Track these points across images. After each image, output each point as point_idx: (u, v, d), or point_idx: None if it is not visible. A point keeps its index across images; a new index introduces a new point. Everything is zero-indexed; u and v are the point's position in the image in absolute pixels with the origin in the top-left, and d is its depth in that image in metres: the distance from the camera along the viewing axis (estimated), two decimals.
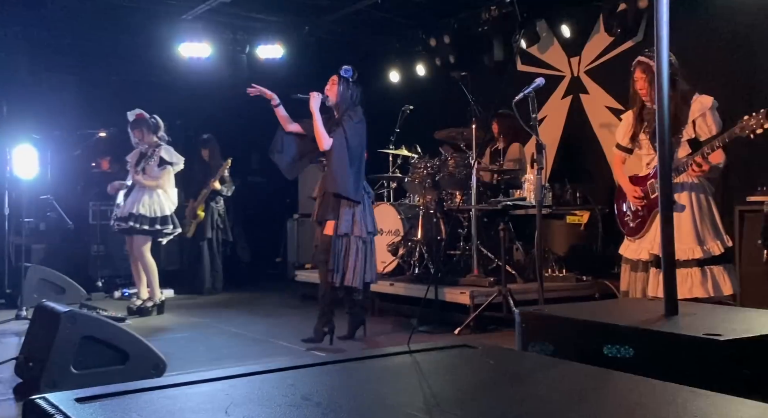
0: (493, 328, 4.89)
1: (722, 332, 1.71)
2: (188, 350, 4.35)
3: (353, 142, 4.36)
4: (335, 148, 4.33)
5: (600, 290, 5.16)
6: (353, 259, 4.32)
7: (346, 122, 4.37)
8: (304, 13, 7.36)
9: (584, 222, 5.46)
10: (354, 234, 4.32)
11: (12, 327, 5.02)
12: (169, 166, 5.60)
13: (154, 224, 5.49)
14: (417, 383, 1.43)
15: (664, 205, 2.10)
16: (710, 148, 3.30)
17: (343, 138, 4.34)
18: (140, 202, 5.47)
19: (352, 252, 4.32)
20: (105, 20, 7.02)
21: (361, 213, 4.37)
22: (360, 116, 4.44)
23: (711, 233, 3.43)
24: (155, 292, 5.61)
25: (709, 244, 3.38)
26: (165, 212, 5.55)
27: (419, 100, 6.89)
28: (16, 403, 3.14)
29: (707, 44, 5.33)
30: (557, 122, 6.65)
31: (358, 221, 4.34)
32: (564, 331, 2.00)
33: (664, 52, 2.08)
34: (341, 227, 4.29)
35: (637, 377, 1.46)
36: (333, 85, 4.46)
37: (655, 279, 3.42)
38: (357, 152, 4.39)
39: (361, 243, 4.37)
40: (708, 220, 3.46)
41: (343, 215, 4.30)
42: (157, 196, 5.54)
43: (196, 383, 1.42)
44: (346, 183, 4.29)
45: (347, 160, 4.31)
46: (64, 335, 3.18)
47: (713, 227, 3.46)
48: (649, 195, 3.57)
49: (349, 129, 4.36)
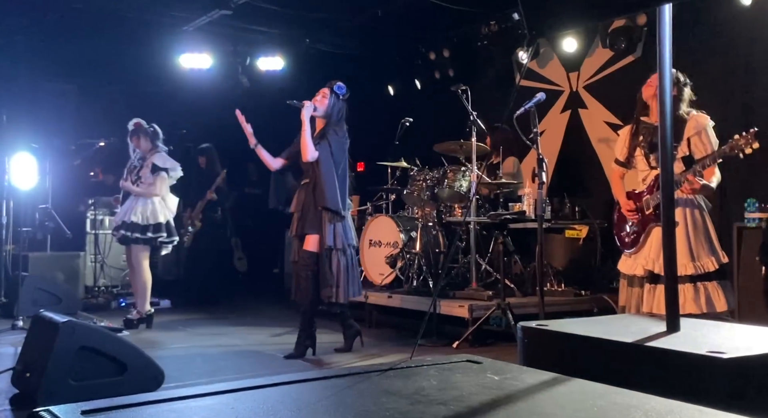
0: (491, 342, 4.89)
1: (725, 349, 1.71)
2: (186, 361, 4.32)
3: (338, 157, 4.36)
4: (322, 161, 4.32)
5: (599, 305, 5.16)
6: (337, 274, 4.32)
7: (331, 136, 4.37)
8: (304, 26, 7.40)
9: (583, 236, 5.47)
10: (337, 247, 4.32)
11: (8, 337, 4.99)
12: (163, 173, 5.51)
13: (146, 232, 5.38)
14: (421, 398, 1.42)
15: (666, 222, 2.11)
16: (701, 167, 3.34)
17: (328, 151, 4.34)
18: (133, 210, 5.42)
19: (334, 266, 4.32)
20: (106, 30, 7.05)
21: (342, 227, 4.37)
22: (344, 133, 4.47)
23: (705, 249, 3.43)
24: (144, 305, 5.52)
25: (703, 260, 3.38)
26: (158, 220, 5.43)
27: (418, 113, 6.92)
28: (13, 414, 3.12)
29: (704, 61, 5.38)
30: (556, 137, 6.69)
31: (340, 235, 4.34)
32: (567, 347, 2.00)
33: (667, 68, 2.10)
34: (327, 241, 4.27)
35: (640, 394, 1.46)
36: (324, 98, 4.46)
37: (649, 295, 3.42)
38: (341, 167, 4.39)
39: (342, 257, 4.35)
40: (703, 236, 3.45)
41: (326, 228, 4.28)
42: (151, 203, 5.46)
43: (200, 396, 1.42)
44: (335, 196, 4.29)
45: (334, 173, 4.32)
46: (62, 346, 3.16)
47: (708, 243, 3.46)
48: (644, 211, 3.58)
49: (334, 142, 4.36)
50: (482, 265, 5.50)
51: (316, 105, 4.41)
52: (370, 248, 6.14)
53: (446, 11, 6.43)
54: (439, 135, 6.04)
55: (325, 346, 4.63)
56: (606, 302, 5.07)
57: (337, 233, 4.32)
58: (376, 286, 5.92)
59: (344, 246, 4.35)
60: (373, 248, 6.11)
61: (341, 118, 4.48)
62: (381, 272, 5.89)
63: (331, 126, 4.42)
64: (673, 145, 3.41)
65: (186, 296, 7.20)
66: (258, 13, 6.78)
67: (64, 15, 6.66)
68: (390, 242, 5.93)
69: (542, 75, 6.83)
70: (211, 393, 1.44)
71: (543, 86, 6.58)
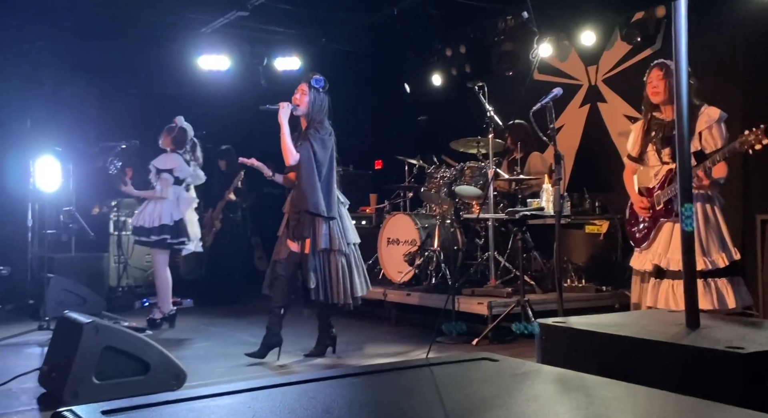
0: (511, 339, 4.87)
1: (744, 345, 1.69)
2: (208, 360, 4.38)
3: (321, 156, 4.21)
4: (303, 163, 4.19)
5: (620, 301, 5.11)
6: (338, 275, 4.18)
7: (312, 136, 4.23)
8: (321, 25, 7.43)
9: (603, 232, 5.42)
10: (333, 249, 4.18)
11: (35, 338, 5.10)
12: (165, 174, 5.52)
13: (150, 235, 5.44)
14: (437, 397, 1.43)
15: (684, 218, 2.09)
16: (711, 163, 3.27)
17: (309, 152, 4.19)
18: (142, 213, 5.52)
19: (333, 268, 4.18)
20: (125, 34, 7.15)
21: (338, 226, 4.24)
22: (327, 129, 4.31)
23: (716, 245, 3.34)
24: (165, 305, 5.60)
25: (713, 256, 3.30)
26: (163, 222, 5.43)
27: (435, 110, 6.92)
28: (40, 413, 3.18)
29: (723, 55, 5.31)
30: (575, 131, 6.63)
31: (336, 236, 4.20)
32: (585, 344, 1.99)
33: (683, 62, 2.08)
34: (320, 243, 4.14)
35: (658, 391, 1.45)
36: (303, 95, 4.30)
37: (653, 290, 3.37)
38: (326, 166, 4.25)
39: (342, 258, 4.23)
40: (714, 232, 3.38)
41: (320, 231, 4.15)
42: (159, 205, 5.49)
43: (219, 395, 1.44)
44: (317, 199, 4.15)
45: (315, 176, 4.17)
46: (87, 346, 3.22)
47: (719, 239, 3.37)
48: (655, 206, 3.53)
49: (316, 142, 4.21)
50: (501, 262, 5.48)
51: (297, 104, 4.26)
52: (389, 246, 6.15)
53: (462, 7, 6.41)
54: (457, 132, 6.03)
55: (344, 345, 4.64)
56: (627, 298, 4.99)
57: (333, 234, 4.19)
58: (394, 284, 5.93)
59: (341, 246, 4.21)
60: (392, 246, 6.12)
61: (324, 114, 4.31)
62: (399, 270, 5.90)
63: (312, 124, 4.27)
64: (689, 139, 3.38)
65: (208, 296, 7.28)
66: (274, 13, 6.82)
67: (84, 20, 6.77)
68: (408, 239, 5.94)
69: (561, 69, 6.77)
70: (229, 392, 1.46)
71: (561, 81, 6.53)
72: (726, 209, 3.49)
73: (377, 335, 5.32)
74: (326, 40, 7.69)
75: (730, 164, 5.11)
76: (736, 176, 5.17)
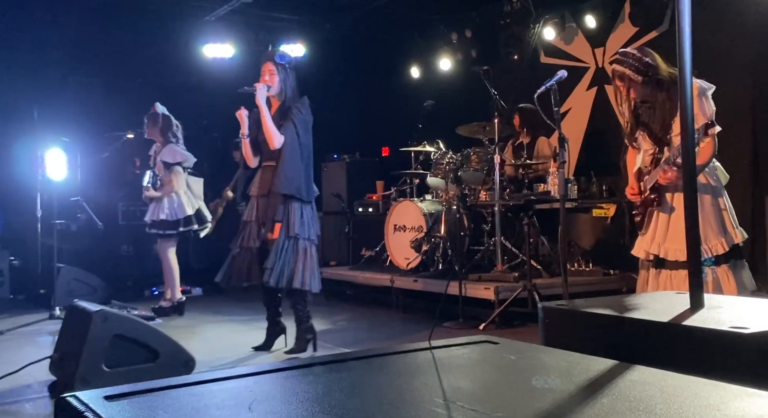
0: (518, 323, 4.88)
1: (748, 324, 1.68)
2: (217, 347, 4.41)
3: (304, 139, 3.99)
4: (287, 145, 3.95)
5: (627, 284, 5.09)
6: (307, 261, 3.94)
7: (296, 116, 3.98)
8: (325, 12, 7.40)
9: (611, 215, 5.40)
10: (303, 235, 3.96)
11: (46, 326, 5.16)
12: (176, 167, 5.59)
13: (177, 227, 5.56)
14: (437, 380, 1.43)
15: (688, 199, 2.07)
16: (673, 159, 3.06)
17: (294, 133, 3.96)
18: (160, 208, 5.57)
19: (301, 253, 3.94)
20: (130, 23, 7.15)
21: (311, 213, 4.04)
22: (307, 108, 4.06)
23: (714, 230, 3.15)
24: (174, 293, 5.66)
25: (712, 242, 3.12)
26: (186, 213, 5.58)
27: (441, 95, 6.88)
28: (51, 401, 3.23)
29: (725, 29, 5.24)
30: (582, 114, 6.58)
31: (307, 222, 3.98)
32: (588, 326, 1.99)
33: (687, 42, 2.05)
34: (294, 228, 3.92)
35: (659, 371, 1.45)
36: (272, 75, 4.05)
37: (654, 280, 3.23)
38: (308, 148, 4.04)
39: (312, 247, 4.01)
40: (711, 217, 3.15)
41: (295, 215, 3.93)
42: (177, 197, 5.59)
43: (220, 380, 1.45)
44: (299, 183, 3.94)
45: (299, 159, 3.96)
46: (96, 334, 3.25)
47: (718, 224, 3.17)
48: (643, 192, 3.37)
49: (300, 123, 3.98)
50: (508, 247, 5.48)
51: (268, 84, 4.04)
52: (395, 233, 6.16)
53: None
54: (463, 117, 6.01)
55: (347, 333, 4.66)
56: (634, 281, 4.98)
57: (306, 221, 3.98)
58: (401, 270, 5.94)
59: (311, 235, 3.99)
60: (398, 233, 6.12)
61: (297, 92, 4.08)
62: (406, 257, 5.91)
63: (292, 103, 4.04)
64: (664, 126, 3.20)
65: (217, 284, 7.30)
66: (278, 0, 6.79)
67: (89, 9, 6.77)
68: (415, 226, 5.94)
69: (567, 52, 6.71)
70: (230, 377, 1.47)
71: (568, 63, 6.48)
72: (722, 193, 3.24)
73: (384, 321, 5.35)
74: (330, 27, 7.66)
75: (739, 146, 5.11)
76: (744, 157, 5.14)
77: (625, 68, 3.26)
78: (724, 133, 3.18)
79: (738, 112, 5.15)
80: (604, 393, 1.27)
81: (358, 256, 6.94)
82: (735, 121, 5.16)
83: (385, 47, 8.18)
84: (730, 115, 5.18)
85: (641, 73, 3.22)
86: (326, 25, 7.64)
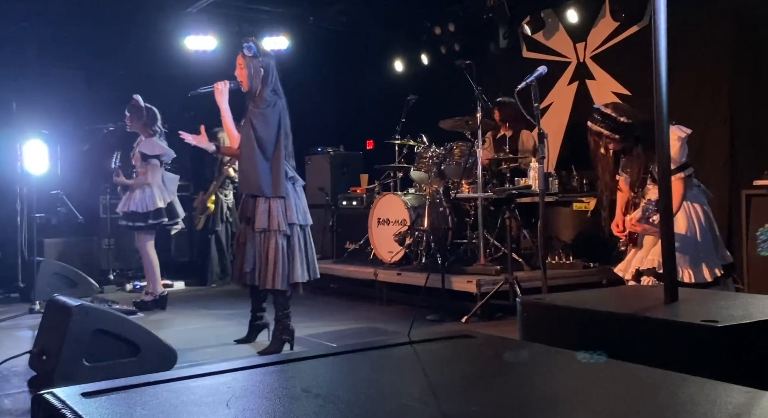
0: (500, 316, 4.93)
1: (720, 318, 1.72)
2: (198, 341, 4.41)
3: (263, 133, 3.86)
4: (242, 144, 3.92)
5: (607, 277, 5.15)
6: (275, 258, 3.84)
7: (251, 112, 3.90)
8: (308, 4, 7.36)
9: (591, 209, 5.45)
10: (272, 228, 3.84)
11: (26, 321, 5.11)
12: (154, 160, 5.54)
13: (147, 219, 5.49)
14: (415, 374, 1.45)
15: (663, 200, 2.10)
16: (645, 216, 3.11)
17: (249, 130, 3.87)
18: (131, 199, 5.54)
19: (272, 249, 3.83)
20: (111, 15, 7.06)
21: (280, 205, 3.88)
22: (267, 100, 3.89)
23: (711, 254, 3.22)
24: (155, 287, 5.63)
25: (711, 266, 3.17)
26: (157, 205, 5.51)
27: (424, 89, 6.88)
28: (31, 396, 3.21)
29: (710, 21, 5.31)
30: (563, 109, 6.63)
31: (276, 215, 3.85)
32: (565, 320, 2.02)
33: (662, 41, 2.08)
34: (258, 222, 3.84)
35: (634, 365, 1.48)
36: (242, 68, 3.93)
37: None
38: (272, 142, 3.89)
39: (282, 239, 3.87)
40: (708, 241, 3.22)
41: (259, 209, 3.86)
42: (149, 190, 5.54)
43: (199, 376, 1.46)
44: (259, 181, 3.85)
45: (257, 157, 3.85)
46: (76, 329, 3.24)
47: (714, 247, 3.25)
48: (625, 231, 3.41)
49: (255, 118, 3.87)
50: (491, 240, 5.51)
51: (240, 80, 3.95)
52: (379, 226, 6.17)
53: None
54: (446, 111, 6.02)
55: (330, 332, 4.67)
56: (614, 274, 5.07)
57: (273, 213, 3.84)
58: (385, 263, 5.96)
59: (280, 226, 3.85)
60: (382, 226, 6.14)
61: (262, 83, 3.90)
62: (390, 250, 5.93)
63: (250, 99, 3.93)
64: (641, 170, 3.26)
65: (198, 278, 7.30)
66: None
67: (69, 0, 6.68)
68: (398, 219, 5.95)
69: (549, 46, 6.75)
70: (209, 373, 1.48)
71: (549, 58, 6.51)
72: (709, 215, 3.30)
73: (368, 315, 5.36)
74: (314, 19, 7.62)
75: (717, 139, 5.18)
76: (723, 151, 5.21)
77: (602, 128, 3.33)
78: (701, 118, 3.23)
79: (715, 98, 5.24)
80: (580, 388, 1.30)
81: (342, 249, 6.95)
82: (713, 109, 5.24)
83: (369, 40, 8.16)
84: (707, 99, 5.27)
85: (618, 132, 3.30)
86: (310, 17, 7.60)
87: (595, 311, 1.92)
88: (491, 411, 1.15)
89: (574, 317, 1.96)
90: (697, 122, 4.59)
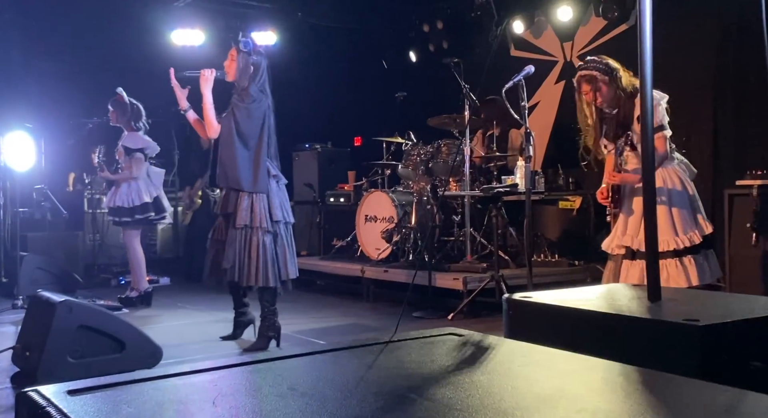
0: (486, 313, 4.95)
1: (702, 317, 1.74)
2: (185, 338, 4.39)
3: (245, 127, 3.85)
4: (222, 137, 3.90)
5: (592, 275, 5.20)
6: (256, 254, 3.81)
7: (235, 105, 3.89)
8: None
9: (576, 207, 5.50)
10: (254, 225, 3.82)
11: (8, 316, 5.07)
12: (138, 154, 5.51)
13: (134, 214, 5.46)
14: (402, 371, 1.46)
15: (647, 198, 2.12)
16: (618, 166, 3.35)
17: (231, 123, 3.86)
18: (117, 194, 5.50)
19: (254, 246, 3.81)
20: (97, 8, 6.99)
21: (262, 202, 3.86)
22: (254, 97, 3.90)
23: (689, 222, 3.30)
24: (141, 282, 5.60)
25: (688, 233, 3.26)
26: (143, 200, 5.48)
27: (413, 86, 6.89)
28: (14, 392, 3.18)
29: (695, 21, 5.35)
30: (550, 108, 6.66)
31: (259, 211, 3.83)
32: (550, 318, 2.04)
33: (647, 40, 2.10)
34: (239, 219, 3.80)
35: (616, 364, 1.49)
36: (232, 60, 3.95)
37: (626, 270, 3.34)
38: (254, 137, 3.88)
39: (265, 236, 3.84)
40: (685, 208, 3.31)
41: (241, 205, 3.82)
42: (135, 184, 5.51)
43: (185, 374, 1.45)
44: (238, 174, 3.83)
45: (237, 150, 3.84)
46: (60, 325, 3.21)
47: (691, 214, 3.33)
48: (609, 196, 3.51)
49: (239, 111, 3.86)
50: (477, 238, 5.54)
51: (227, 71, 3.95)
52: (366, 223, 6.18)
53: None
54: (434, 108, 6.04)
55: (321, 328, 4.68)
56: (599, 272, 5.11)
57: (256, 209, 3.83)
58: (372, 261, 5.97)
59: (263, 223, 3.84)
60: (369, 223, 6.14)
61: (251, 80, 3.92)
62: (377, 247, 5.93)
63: (237, 92, 3.94)
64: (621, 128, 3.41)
65: (185, 274, 7.26)
66: None
67: None
68: (386, 216, 5.96)
69: (536, 45, 6.78)
70: (195, 371, 1.47)
71: (537, 57, 6.55)
72: (691, 186, 3.41)
73: (354, 311, 5.37)
74: (302, 15, 7.60)
75: (701, 139, 5.23)
76: (706, 150, 5.27)
77: (592, 70, 3.49)
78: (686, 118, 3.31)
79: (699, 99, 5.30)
80: (563, 386, 1.31)
81: (329, 246, 6.95)
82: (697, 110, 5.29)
83: (357, 37, 8.15)
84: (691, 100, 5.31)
85: (607, 73, 3.46)
86: (298, 12, 7.58)
87: (580, 309, 1.94)
88: (476, 409, 1.16)
89: (559, 315, 1.98)
90: (681, 123, 4.64)
